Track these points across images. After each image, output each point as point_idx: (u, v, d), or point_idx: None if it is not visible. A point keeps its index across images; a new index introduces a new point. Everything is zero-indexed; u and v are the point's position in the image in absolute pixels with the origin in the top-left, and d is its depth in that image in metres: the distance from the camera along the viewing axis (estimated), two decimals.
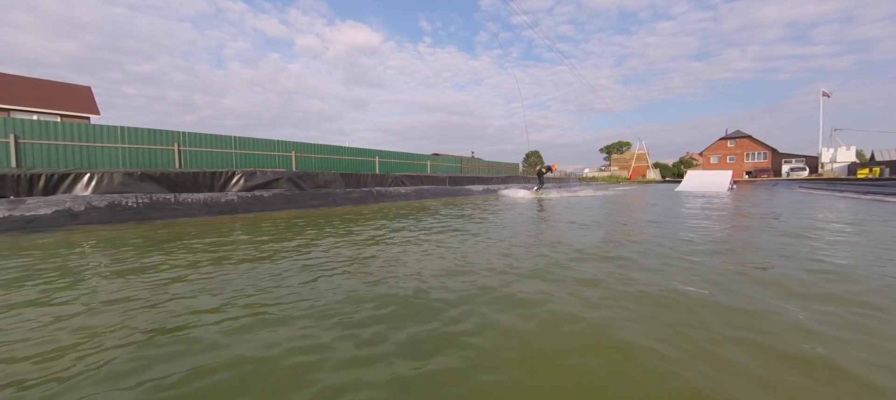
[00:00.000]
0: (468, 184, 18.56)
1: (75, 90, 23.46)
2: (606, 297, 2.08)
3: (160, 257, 3.35)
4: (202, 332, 1.70)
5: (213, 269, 2.90)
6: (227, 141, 10.52)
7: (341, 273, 2.71)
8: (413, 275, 2.61)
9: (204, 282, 2.53)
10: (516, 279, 2.46)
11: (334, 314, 1.88)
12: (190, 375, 1.33)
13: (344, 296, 2.17)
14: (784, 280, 2.38)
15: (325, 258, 3.22)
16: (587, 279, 2.43)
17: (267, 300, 2.12)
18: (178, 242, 4.24)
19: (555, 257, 3.11)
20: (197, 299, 2.17)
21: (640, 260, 2.99)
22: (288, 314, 1.90)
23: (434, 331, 1.67)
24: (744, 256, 3.20)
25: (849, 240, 3.89)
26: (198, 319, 1.85)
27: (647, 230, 4.76)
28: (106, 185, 7.23)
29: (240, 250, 3.63)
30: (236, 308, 2.00)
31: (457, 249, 3.58)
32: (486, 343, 1.55)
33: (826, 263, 2.84)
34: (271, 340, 1.60)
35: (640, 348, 1.48)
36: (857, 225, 5.10)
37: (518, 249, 3.51)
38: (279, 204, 9.22)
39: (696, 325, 1.70)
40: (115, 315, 1.93)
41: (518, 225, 5.38)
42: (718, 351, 1.45)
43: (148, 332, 1.72)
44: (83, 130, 8.03)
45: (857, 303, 1.95)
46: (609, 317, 1.79)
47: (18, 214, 5.87)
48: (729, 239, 4.11)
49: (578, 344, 1.54)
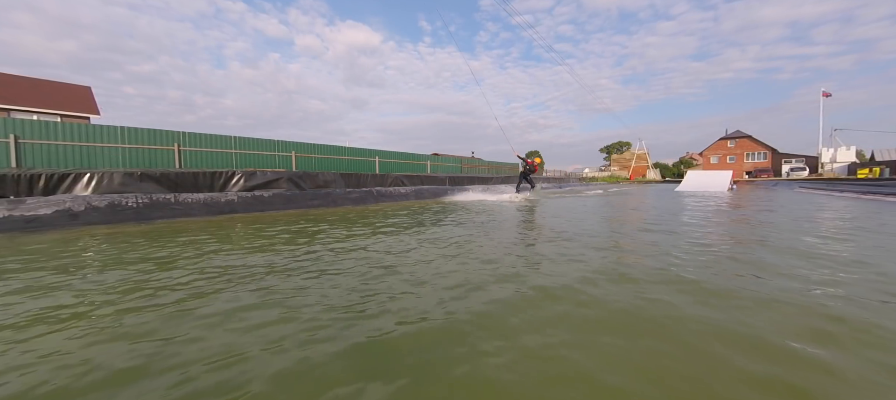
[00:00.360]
0: (468, 184, 18.56)
1: (75, 90, 23.45)
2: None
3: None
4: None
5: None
6: (227, 141, 10.51)
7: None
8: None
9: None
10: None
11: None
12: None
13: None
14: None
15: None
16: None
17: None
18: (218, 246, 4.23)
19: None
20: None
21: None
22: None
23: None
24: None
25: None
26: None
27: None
28: (106, 185, 7.23)
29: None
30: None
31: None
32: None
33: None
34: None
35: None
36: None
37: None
38: (279, 204, 9.22)
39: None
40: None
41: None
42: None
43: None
44: (83, 130, 8.02)
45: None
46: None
47: (18, 214, 5.87)
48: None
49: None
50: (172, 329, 1.75)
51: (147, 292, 2.33)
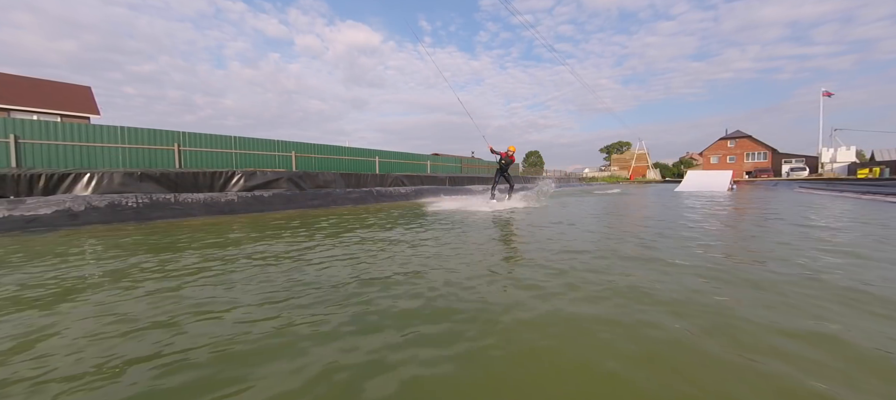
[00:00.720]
0: (468, 184, 18.57)
1: (75, 90, 23.44)
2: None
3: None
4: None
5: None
6: (227, 141, 10.51)
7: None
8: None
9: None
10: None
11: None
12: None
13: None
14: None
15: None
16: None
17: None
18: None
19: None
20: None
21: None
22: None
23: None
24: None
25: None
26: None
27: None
28: (106, 185, 7.23)
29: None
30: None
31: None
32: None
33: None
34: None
35: None
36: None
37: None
38: (279, 204, 9.22)
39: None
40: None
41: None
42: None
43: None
44: (83, 130, 8.02)
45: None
46: None
47: (18, 214, 5.87)
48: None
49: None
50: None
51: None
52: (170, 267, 3.04)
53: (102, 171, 7.27)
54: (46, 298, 2.27)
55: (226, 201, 8.35)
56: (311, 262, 3.15)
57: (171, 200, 7.58)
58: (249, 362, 1.45)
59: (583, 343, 1.61)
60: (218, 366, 1.43)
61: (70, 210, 6.34)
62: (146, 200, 7.25)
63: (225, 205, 8.28)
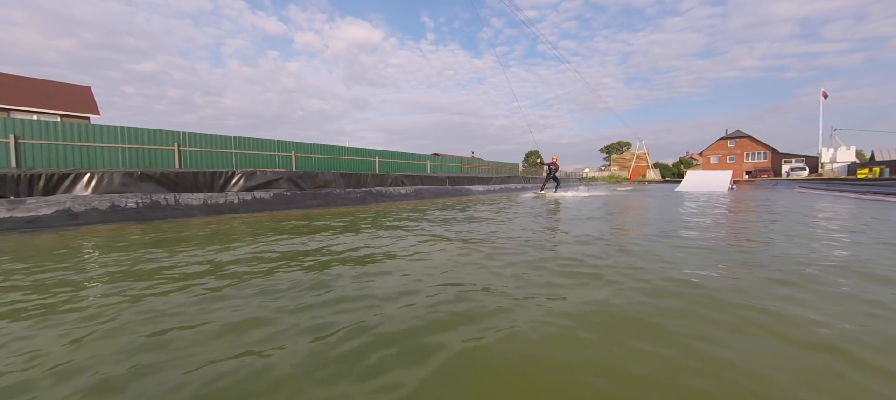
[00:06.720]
0: (468, 184, 18.56)
1: (75, 90, 23.45)
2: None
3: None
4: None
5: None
6: (227, 141, 10.51)
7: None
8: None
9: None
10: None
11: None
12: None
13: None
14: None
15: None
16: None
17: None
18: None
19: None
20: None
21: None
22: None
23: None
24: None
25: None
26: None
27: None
28: (106, 185, 7.23)
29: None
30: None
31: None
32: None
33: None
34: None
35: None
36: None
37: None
38: (279, 204, 9.22)
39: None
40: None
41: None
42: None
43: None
44: (83, 130, 8.02)
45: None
46: None
47: (18, 215, 5.86)
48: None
49: None
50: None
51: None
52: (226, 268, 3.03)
53: (102, 172, 7.26)
54: (43, 300, 2.27)
55: (226, 201, 8.35)
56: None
57: (171, 201, 7.58)
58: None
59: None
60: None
61: (70, 210, 6.34)
62: (146, 201, 7.25)
63: (225, 205, 8.28)
